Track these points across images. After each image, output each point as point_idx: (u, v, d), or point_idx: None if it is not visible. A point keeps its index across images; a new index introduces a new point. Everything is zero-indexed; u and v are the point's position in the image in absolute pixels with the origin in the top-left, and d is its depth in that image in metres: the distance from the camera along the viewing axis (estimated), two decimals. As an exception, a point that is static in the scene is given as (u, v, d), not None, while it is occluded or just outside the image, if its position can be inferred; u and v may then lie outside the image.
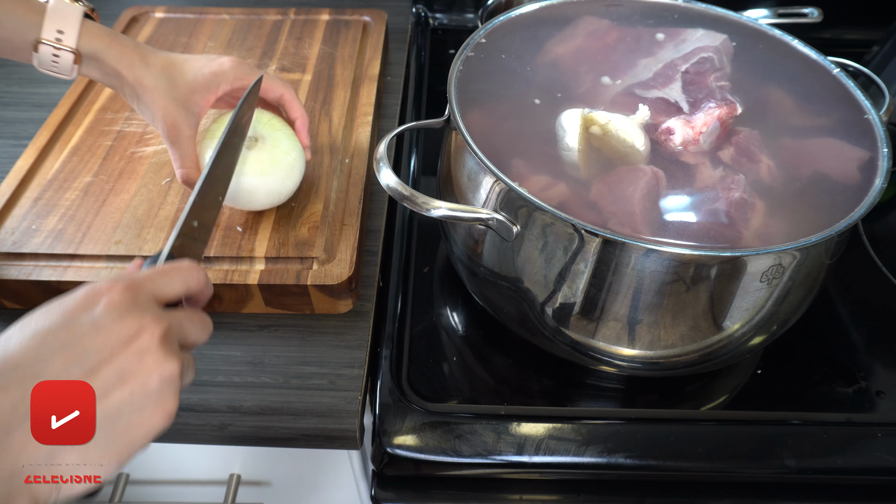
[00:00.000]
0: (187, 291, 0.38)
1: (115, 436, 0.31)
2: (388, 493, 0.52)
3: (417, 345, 0.57)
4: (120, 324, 0.32)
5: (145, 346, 0.32)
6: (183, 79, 0.52)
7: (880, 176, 0.47)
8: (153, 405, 0.32)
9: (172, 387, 0.33)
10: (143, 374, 0.32)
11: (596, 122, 0.51)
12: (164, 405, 0.32)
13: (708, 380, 0.57)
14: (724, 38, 0.59)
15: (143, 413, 0.32)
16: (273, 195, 0.56)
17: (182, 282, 0.37)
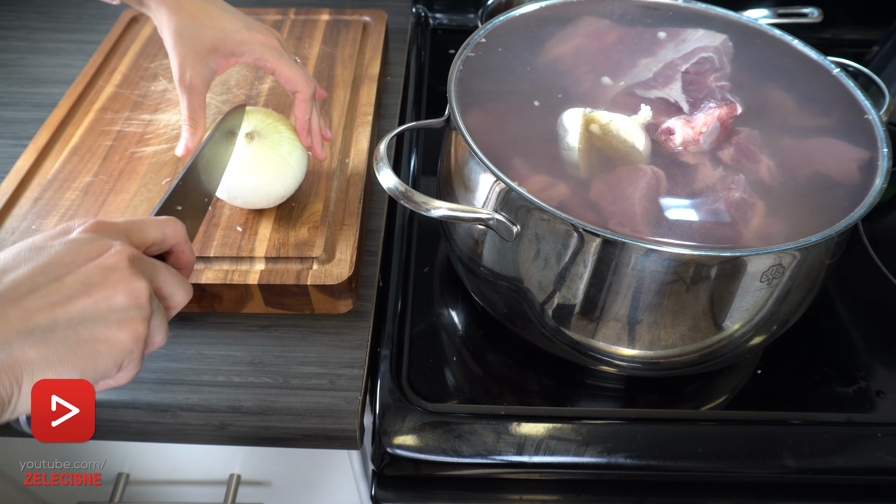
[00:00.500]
0: (163, 241, 0.38)
1: (77, 342, 0.31)
2: (388, 493, 0.52)
3: (417, 345, 0.57)
4: (89, 245, 0.33)
5: (112, 263, 0.33)
6: (209, 33, 0.51)
7: (880, 176, 0.47)
8: (118, 321, 0.32)
9: (140, 309, 0.33)
10: (108, 288, 0.32)
11: (597, 121, 0.51)
12: (130, 324, 0.33)
13: (708, 380, 0.57)
14: (724, 38, 0.59)
15: (108, 326, 0.32)
16: (262, 196, 0.56)
17: (157, 229, 0.38)
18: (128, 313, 0.33)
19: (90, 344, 0.32)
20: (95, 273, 0.33)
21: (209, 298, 0.55)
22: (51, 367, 0.31)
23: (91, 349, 0.32)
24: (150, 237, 0.37)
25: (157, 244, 0.38)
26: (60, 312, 0.31)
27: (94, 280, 0.32)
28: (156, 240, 0.38)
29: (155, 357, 0.54)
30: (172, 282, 0.37)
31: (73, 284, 0.32)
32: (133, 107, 0.69)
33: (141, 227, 0.37)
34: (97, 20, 0.90)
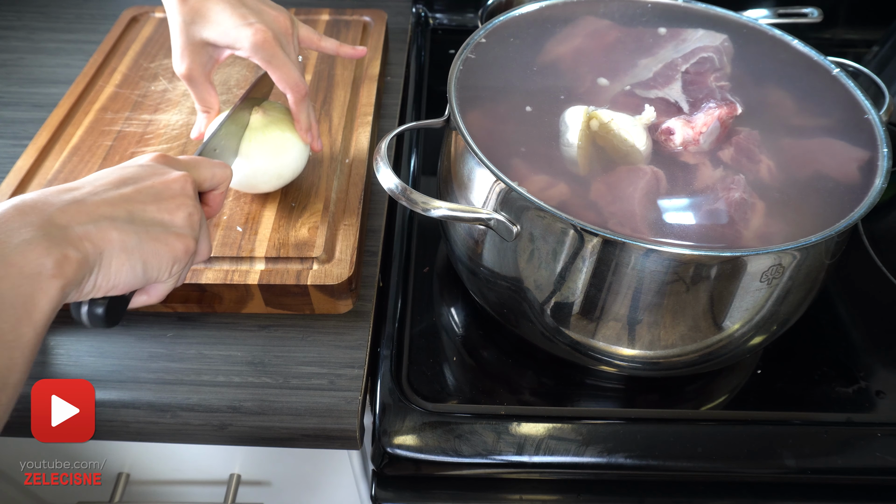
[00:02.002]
0: (212, 179, 0.44)
1: (146, 237, 0.37)
2: (388, 493, 0.52)
3: (417, 345, 0.57)
4: (161, 168, 0.40)
5: (178, 187, 0.40)
6: (205, 28, 0.52)
7: (880, 176, 0.47)
8: (176, 233, 0.39)
9: (192, 229, 0.40)
10: (172, 204, 0.39)
11: (599, 119, 0.51)
12: (185, 239, 0.39)
13: (708, 380, 0.57)
14: (724, 38, 0.59)
15: (169, 235, 0.38)
16: (264, 174, 0.57)
17: (209, 168, 0.44)
18: (183, 230, 0.39)
19: (155, 242, 0.37)
20: (164, 190, 0.39)
21: (209, 298, 0.55)
22: (125, 251, 0.36)
23: (155, 247, 0.37)
24: (204, 174, 0.43)
25: (207, 181, 0.44)
26: (137, 211, 0.37)
27: (163, 195, 0.39)
28: (206, 178, 0.43)
29: (155, 357, 0.54)
30: (205, 233, 0.43)
31: (147, 194, 0.38)
32: (133, 107, 0.69)
33: (197, 164, 0.43)
34: (97, 20, 0.90)
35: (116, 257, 0.36)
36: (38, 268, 0.32)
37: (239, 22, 0.51)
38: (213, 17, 0.51)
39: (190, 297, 0.55)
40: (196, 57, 0.53)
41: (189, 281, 0.54)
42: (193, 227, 0.40)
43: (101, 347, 0.54)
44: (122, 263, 0.36)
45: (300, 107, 0.55)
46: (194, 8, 0.51)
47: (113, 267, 0.36)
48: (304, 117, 0.56)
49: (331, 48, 0.60)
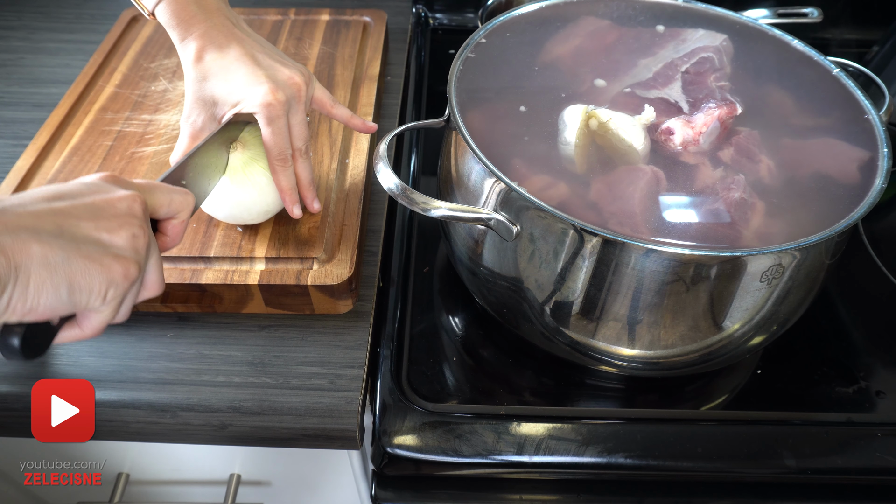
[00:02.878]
0: (169, 205, 0.40)
1: (76, 255, 0.33)
2: (388, 493, 0.52)
3: (417, 345, 0.57)
4: (107, 186, 0.37)
5: (123, 206, 0.36)
6: (217, 86, 0.51)
7: (880, 176, 0.47)
8: (114, 256, 0.35)
9: (136, 253, 0.36)
10: (113, 222, 0.35)
11: (598, 118, 0.51)
12: (125, 262, 0.35)
13: (708, 380, 0.57)
14: (724, 38, 0.59)
15: (104, 255, 0.34)
16: (244, 210, 0.55)
17: (166, 193, 0.40)
18: (124, 251, 0.35)
19: (86, 260, 0.33)
20: (105, 207, 0.35)
21: (209, 298, 0.55)
22: (47, 267, 0.32)
23: (85, 266, 0.33)
24: (159, 199, 0.40)
25: (164, 207, 0.40)
26: (68, 225, 0.33)
27: (104, 212, 0.35)
28: (162, 203, 0.40)
29: (155, 357, 0.54)
30: (155, 262, 0.39)
31: (83, 209, 0.35)
32: (133, 107, 0.69)
33: (153, 188, 0.40)
34: (97, 20, 0.90)
35: (36, 274, 0.31)
36: None
37: (251, 81, 0.51)
38: (226, 78, 0.51)
39: (190, 297, 0.55)
40: (204, 112, 0.53)
41: (189, 281, 0.54)
42: (138, 250, 0.36)
43: (101, 347, 0.54)
44: (42, 282, 0.32)
45: (281, 172, 0.53)
46: (209, 68, 0.51)
47: (31, 285, 0.31)
48: (285, 180, 0.53)
49: (342, 116, 0.57)
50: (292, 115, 0.52)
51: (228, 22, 0.52)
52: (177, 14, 0.50)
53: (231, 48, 0.51)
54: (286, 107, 0.51)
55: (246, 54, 0.51)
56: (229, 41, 0.51)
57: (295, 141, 0.53)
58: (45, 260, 0.32)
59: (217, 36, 0.51)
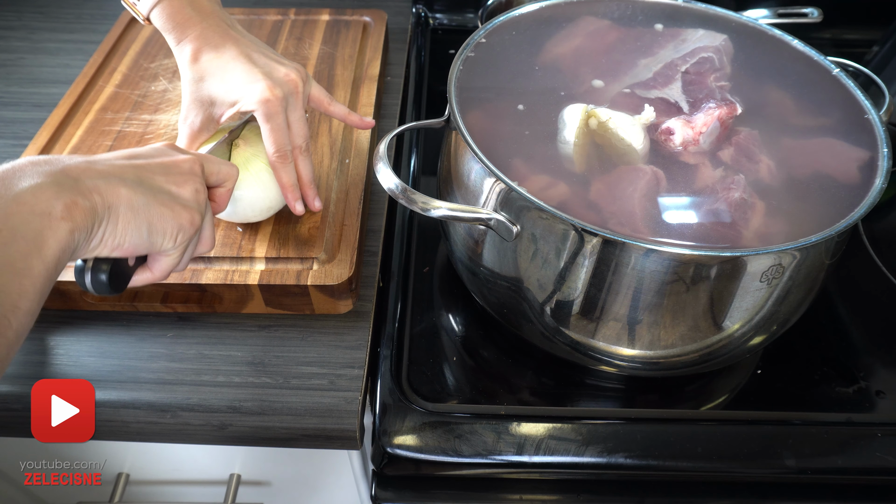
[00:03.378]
0: (218, 174, 0.45)
1: (154, 201, 0.39)
2: (388, 493, 0.52)
3: (417, 345, 0.57)
4: (172, 151, 0.43)
5: (187, 165, 0.42)
6: (213, 86, 0.52)
7: (880, 176, 0.47)
8: (183, 205, 0.40)
9: (198, 205, 0.41)
10: (181, 178, 0.41)
11: (597, 117, 0.51)
12: (190, 212, 0.40)
13: (708, 380, 0.57)
14: (724, 38, 0.59)
15: (175, 204, 0.40)
16: (246, 207, 0.55)
17: (218, 164, 0.45)
18: (190, 203, 0.41)
19: (162, 207, 0.39)
20: (173, 166, 0.41)
21: (209, 298, 0.55)
22: (132, 209, 0.37)
23: (161, 212, 0.39)
24: (211, 167, 0.45)
25: (214, 175, 0.45)
26: (146, 177, 0.39)
27: (172, 170, 0.41)
28: (213, 171, 0.45)
29: (155, 357, 0.54)
30: (209, 221, 0.45)
31: (157, 165, 0.41)
32: (133, 107, 0.69)
33: (206, 158, 0.45)
34: (97, 20, 0.90)
35: (123, 214, 0.37)
36: (48, 208, 0.33)
37: (248, 79, 0.51)
38: (223, 77, 0.51)
39: (190, 297, 0.55)
40: (201, 113, 0.53)
41: (189, 281, 0.54)
42: (200, 203, 0.42)
43: (101, 347, 0.54)
44: (128, 221, 0.37)
45: (282, 168, 0.53)
46: (205, 68, 0.51)
47: (120, 224, 0.37)
48: (286, 176, 0.53)
49: (339, 114, 0.58)
50: (291, 112, 0.52)
51: (223, 23, 0.53)
52: (172, 17, 0.51)
53: (227, 48, 0.51)
54: (284, 103, 0.51)
55: (242, 54, 0.52)
56: (225, 41, 0.52)
57: (295, 138, 0.53)
58: (130, 202, 0.37)
59: (213, 37, 0.51)
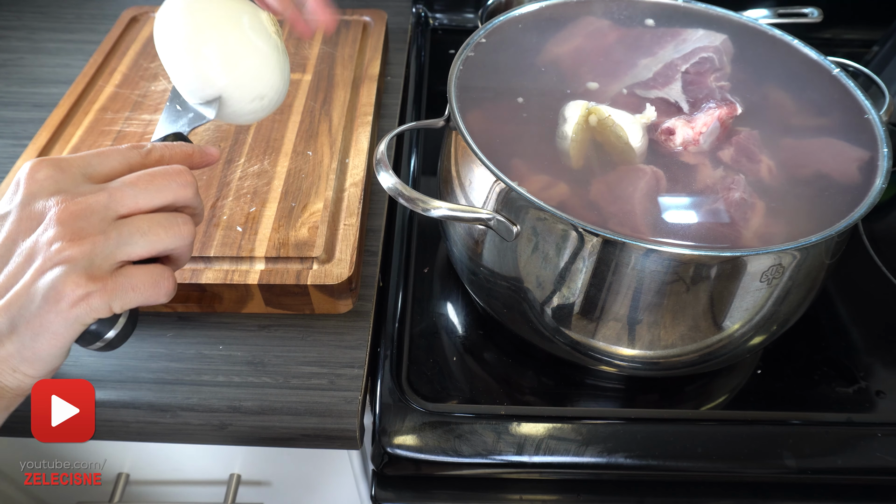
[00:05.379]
0: (128, 168, 0.36)
1: (26, 335, 0.31)
2: (388, 493, 0.52)
3: (417, 345, 0.57)
4: (26, 209, 0.33)
5: (42, 229, 0.32)
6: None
7: (880, 176, 0.47)
8: (46, 298, 0.31)
9: (72, 272, 0.31)
10: (39, 259, 0.31)
11: (597, 114, 0.51)
12: (56, 298, 0.31)
13: (708, 380, 0.57)
14: (724, 38, 0.59)
15: (43, 308, 0.31)
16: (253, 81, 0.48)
17: (120, 159, 0.35)
18: (55, 283, 0.31)
19: (34, 332, 0.31)
20: (28, 248, 0.32)
21: (209, 298, 0.55)
22: (13, 371, 0.32)
23: (36, 336, 0.32)
24: (110, 167, 0.35)
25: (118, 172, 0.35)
26: (5, 305, 0.31)
27: (31, 253, 0.32)
28: (116, 170, 0.35)
29: (155, 357, 0.54)
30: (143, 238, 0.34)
31: (14, 268, 0.32)
32: (133, 107, 0.69)
33: (100, 160, 0.35)
34: (97, 20, 0.90)
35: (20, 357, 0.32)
36: None
37: None
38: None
39: (190, 297, 0.55)
40: None
41: (189, 281, 0.54)
42: (74, 265, 0.32)
43: (101, 347, 0.54)
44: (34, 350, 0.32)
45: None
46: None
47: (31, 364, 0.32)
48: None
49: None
50: None
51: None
52: None
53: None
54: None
55: None
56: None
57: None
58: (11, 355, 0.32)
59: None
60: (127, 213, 0.34)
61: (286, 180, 0.62)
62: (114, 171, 0.35)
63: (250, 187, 0.61)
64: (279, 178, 0.62)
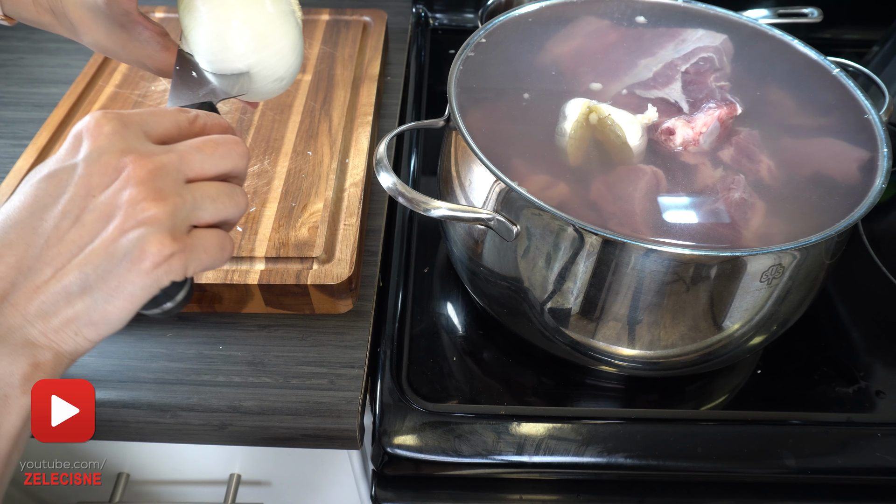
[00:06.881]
0: (178, 132, 0.35)
1: (100, 295, 0.30)
2: (388, 493, 0.52)
3: (417, 345, 0.57)
4: (98, 164, 0.31)
5: (119, 186, 0.31)
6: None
7: (880, 176, 0.47)
8: (129, 258, 0.30)
9: (157, 232, 0.31)
10: (118, 217, 0.31)
11: (598, 113, 0.51)
12: (140, 258, 0.30)
13: (708, 380, 0.57)
14: (724, 38, 0.59)
15: (123, 267, 0.30)
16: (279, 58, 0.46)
17: (172, 121, 0.35)
18: (139, 243, 0.30)
19: (110, 288, 0.31)
20: (106, 205, 0.31)
21: (209, 298, 0.55)
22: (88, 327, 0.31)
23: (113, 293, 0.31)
24: (165, 127, 0.35)
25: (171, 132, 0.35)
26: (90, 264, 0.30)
27: (108, 212, 0.31)
28: (169, 130, 0.35)
29: (155, 357, 0.54)
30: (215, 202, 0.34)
31: (93, 225, 0.31)
32: (133, 107, 0.69)
33: (157, 120, 0.34)
34: None
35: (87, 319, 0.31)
36: (3, 389, 0.29)
37: None
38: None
39: (190, 297, 0.55)
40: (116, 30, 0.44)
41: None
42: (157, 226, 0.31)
43: (101, 347, 0.54)
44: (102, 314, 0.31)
45: None
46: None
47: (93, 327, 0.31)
48: None
49: None
50: None
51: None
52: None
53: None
54: None
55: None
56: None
57: None
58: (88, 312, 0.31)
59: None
60: (194, 176, 0.34)
61: (286, 180, 0.62)
62: (167, 133, 0.35)
63: (250, 187, 0.61)
64: (279, 178, 0.62)
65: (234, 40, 0.44)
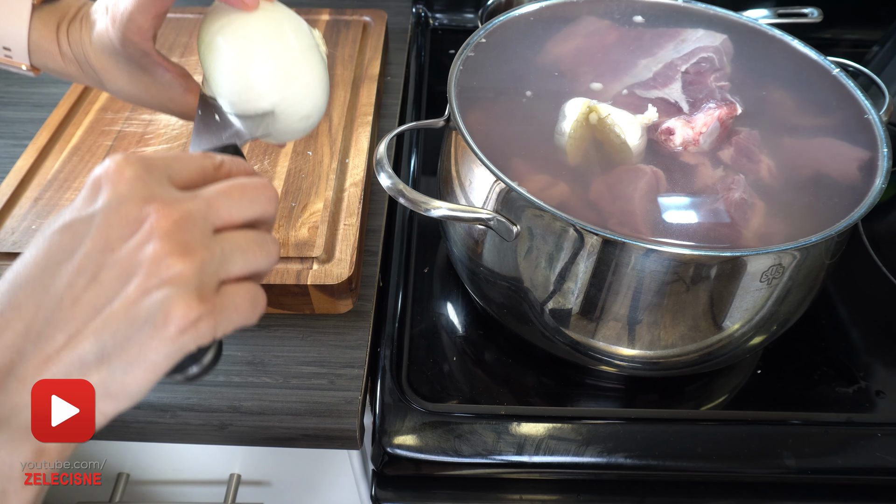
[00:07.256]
0: (202, 177, 0.32)
1: (118, 365, 0.27)
2: (388, 493, 0.52)
3: (417, 345, 0.57)
4: (118, 214, 0.28)
5: (141, 239, 0.27)
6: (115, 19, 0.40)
7: (880, 176, 0.47)
8: (151, 323, 0.27)
9: (184, 293, 0.27)
10: (139, 276, 0.27)
11: (598, 113, 0.51)
12: (164, 323, 0.27)
13: (708, 380, 0.57)
14: (724, 38, 0.59)
15: (145, 333, 0.27)
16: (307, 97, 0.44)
17: (198, 167, 0.32)
18: (163, 304, 0.27)
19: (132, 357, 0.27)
20: (126, 261, 0.27)
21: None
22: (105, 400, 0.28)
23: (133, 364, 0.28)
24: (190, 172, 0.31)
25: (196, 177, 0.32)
26: (99, 327, 0.27)
27: (127, 269, 0.27)
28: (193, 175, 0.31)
29: (155, 357, 0.54)
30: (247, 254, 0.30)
31: (111, 283, 0.27)
32: (133, 107, 0.69)
33: (182, 165, 0.31)
34: None
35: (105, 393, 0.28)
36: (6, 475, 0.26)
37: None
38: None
39: (190, 297, 0.55)
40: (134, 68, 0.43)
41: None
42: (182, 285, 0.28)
43: (101, 347, 0.54)
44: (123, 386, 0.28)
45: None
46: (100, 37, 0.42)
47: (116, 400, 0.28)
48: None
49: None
50: None
51: None
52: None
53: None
54: None
55: None
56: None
57: None
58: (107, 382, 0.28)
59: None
60: (222, 225, 0.30)
61: (286, 180, 0.62)
62: (191, 179, 0.31)
63: (250, 187, 0.61)
64: (279, 178, 0.62)
65: (258, 77, 0.42)
